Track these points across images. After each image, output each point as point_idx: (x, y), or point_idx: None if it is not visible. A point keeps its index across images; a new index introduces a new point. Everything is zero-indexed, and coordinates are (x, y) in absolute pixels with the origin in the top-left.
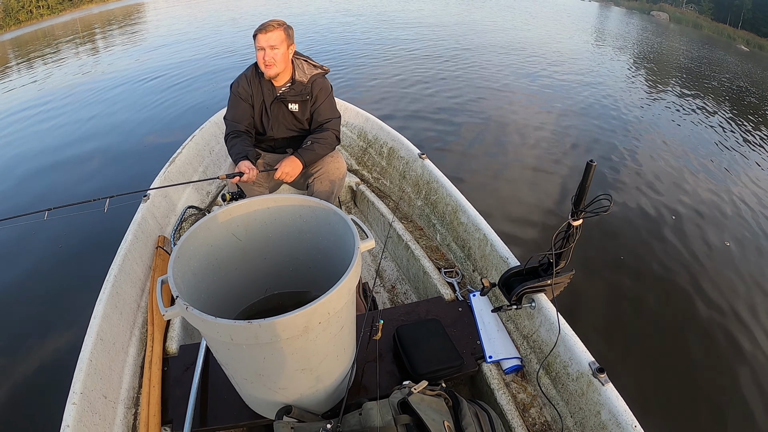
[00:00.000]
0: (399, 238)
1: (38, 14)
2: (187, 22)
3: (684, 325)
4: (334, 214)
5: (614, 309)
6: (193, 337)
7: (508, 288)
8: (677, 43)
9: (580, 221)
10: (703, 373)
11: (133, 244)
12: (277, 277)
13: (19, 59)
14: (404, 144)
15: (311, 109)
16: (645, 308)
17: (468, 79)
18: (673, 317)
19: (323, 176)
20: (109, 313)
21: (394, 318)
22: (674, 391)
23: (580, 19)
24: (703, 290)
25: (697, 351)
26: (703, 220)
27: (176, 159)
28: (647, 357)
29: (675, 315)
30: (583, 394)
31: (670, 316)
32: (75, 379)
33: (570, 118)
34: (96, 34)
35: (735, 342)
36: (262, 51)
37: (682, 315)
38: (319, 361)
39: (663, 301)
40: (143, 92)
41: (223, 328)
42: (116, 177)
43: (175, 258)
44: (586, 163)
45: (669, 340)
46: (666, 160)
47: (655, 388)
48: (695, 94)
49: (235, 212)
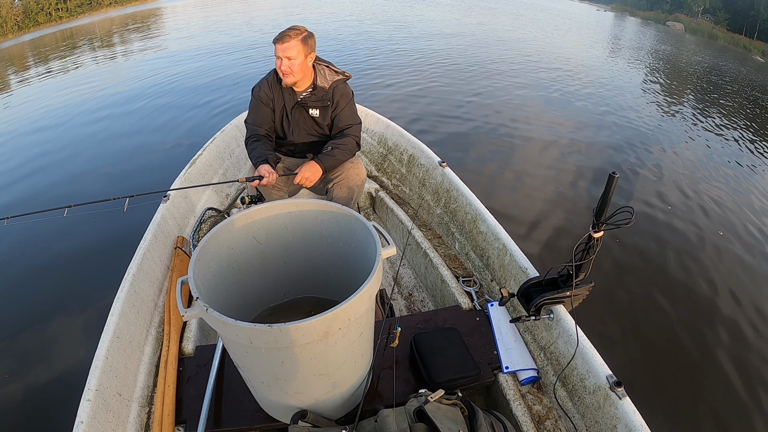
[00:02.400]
0: (417, 246)
1: (57, 17)
2: (209, 25)
3: (709, 341)
4: (356, 220)
5: (634, 321)
6: (209, 338)
7: (527, 299)
8: (694, 55)
9: (601, 233)
10: (725, 393)
11: (152, 244)
12: (296, 281)
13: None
14: (424, 151)
15: (332, 114)
16: (667, 321)
17: (488, 87)
18: (697, 332)
19: (343, 182)
20: (127, 311)
21: (411, 325)
22: (695, 409)
23: (598, 30)
24: (734, 308)
25: (722, 369)
26: (731, 235)
27: (197, 161)
28: (668, 372)
29: (698, 329)
30: (599, 407)
31: (692, 331)
32: (90, 376)
33: (587, 129)
34: (122, 35)
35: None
36: (280, 60)
37: (705, 329)
38: (336, 367)
39: (686, 315)
40: (165, 95)
41: (242, 331)
42: (136, 177)
43: (195, 259)
44: (609, 174)
45: (694, 356)
46: (682, 172)
47: (675, 404)
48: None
49: (256, 216)
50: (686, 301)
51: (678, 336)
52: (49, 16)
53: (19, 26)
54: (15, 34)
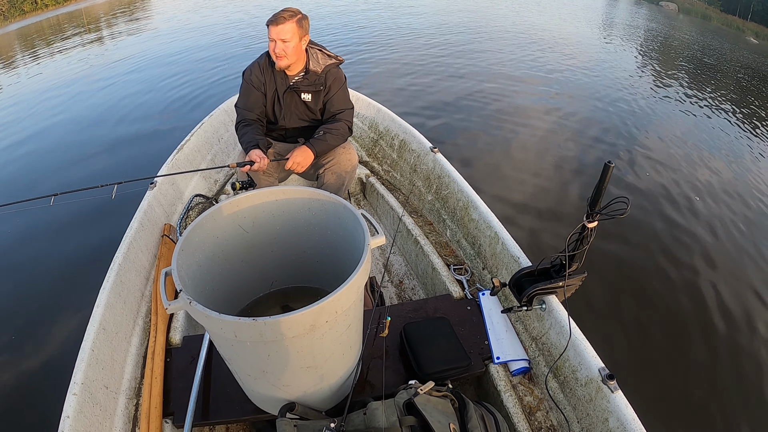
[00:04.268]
0: (408, 233)
1: (43, 4)
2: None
3: (704, 334)
4: (344, 208)
5: (627, 312)
6: (197, 329)
7: (519, 288)
8: (686, 35)
9: (595, 223)
10: (721, 385)
11: (138, 232)
12: (284, 270)
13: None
14: (416, 137)
15: (324, 99)
16: (662, 313)
17: (480, 68)
18: (693, 325)
19: (334, 167)
20: (113, 302)
21: (401, 315)
22: (688, 403)
23: (590, 10)
24: (731, 296)
25: (717, 363)
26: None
27: (184, 146)
28: (661, 364)
29: (694, 322)
30: (591, 399)
31: (689, 324)
32: (76, 369)
33: (580, 115)
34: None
35: (757, 355)
36: (273, 42)
37: (701, 322)
38: (324, 359)
39: (684, 309)
40: (152, 79)
41: (227, 325)
42: (124, 164)
43: (179, 250)
44: (604, 164)
45: (690, 349)
46: (679, 155)
47: (669, 397)
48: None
49: (243, 203)
50: (680, 291)
51: (673, 327)
52: (35, 5)
53: (5, 16)
54: (1, 24)
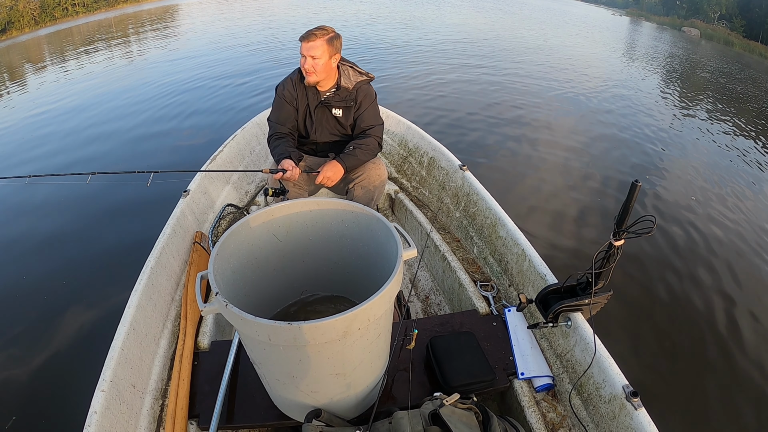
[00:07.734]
0: (436, 249)
1: (73, 12)
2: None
3: (728, 355)
4: (377, 221)
5: (654, 329)
6: (224, 334)
7: (546, 305)
8: (709, 60)
9: (621, 241)
10: (744, 405)
11: (170, 238)
12: (315, 280)
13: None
14: (445, 154)
15: (355, 115)
16: (691, 330)
17: (507, 91)
18: (716, 341)
19: (364, 182)
20: (144, 304)
21: (427, 328)
22: (708, 421)
23: (615, 36)
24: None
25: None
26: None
27: (217, 157)
28: (688, 383)
29: (718, 339)
30: (614, 417)
31: (712, 341)
32: (105, 367)
33: (606, 135)
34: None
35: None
36: (304, 58)
37: (725, 339)
38: (353, 367)
39: (706, 327)
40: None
41: (262, 328)
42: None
43: (215, 254)
44: (631, 183)
45: (716, 367)
46: (702, 184)
47: (694, 416)
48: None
49: (277, 213)
50: (712, 309)
51: (702, 345)
52: (66, 11)
53: (36, 21)
54: (32, 29)
